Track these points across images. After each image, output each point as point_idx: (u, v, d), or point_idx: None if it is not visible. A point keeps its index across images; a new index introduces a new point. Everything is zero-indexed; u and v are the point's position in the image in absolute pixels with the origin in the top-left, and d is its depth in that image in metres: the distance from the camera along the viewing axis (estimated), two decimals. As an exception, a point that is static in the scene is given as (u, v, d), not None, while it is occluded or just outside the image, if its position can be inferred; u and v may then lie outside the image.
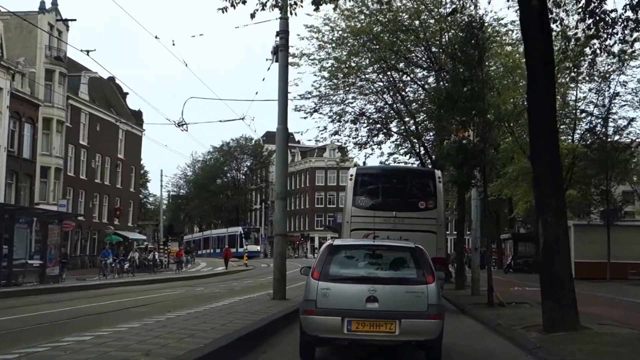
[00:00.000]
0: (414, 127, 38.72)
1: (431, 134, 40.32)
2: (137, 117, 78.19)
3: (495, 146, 23.19)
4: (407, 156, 40.83)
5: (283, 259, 19.78)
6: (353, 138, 39.80)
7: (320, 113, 38.71)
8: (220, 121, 38.46)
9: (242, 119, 31.69)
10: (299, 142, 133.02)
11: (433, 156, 39.78)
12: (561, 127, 48.68)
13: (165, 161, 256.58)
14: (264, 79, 30.16)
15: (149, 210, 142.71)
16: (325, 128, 38.69)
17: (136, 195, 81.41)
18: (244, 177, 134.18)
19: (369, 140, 39.92)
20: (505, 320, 16.70)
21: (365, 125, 39.96)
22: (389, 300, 10.32)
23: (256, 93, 67.04)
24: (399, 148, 40.75)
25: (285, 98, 19.63)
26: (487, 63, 24.42)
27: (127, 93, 79.40)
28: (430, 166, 40.23)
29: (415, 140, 39.34)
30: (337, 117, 38.93)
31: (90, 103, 66.15)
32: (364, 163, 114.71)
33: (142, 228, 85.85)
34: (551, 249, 13.51)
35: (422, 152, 40.33)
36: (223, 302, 18.62)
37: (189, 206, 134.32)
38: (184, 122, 30.38)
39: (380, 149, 40.32)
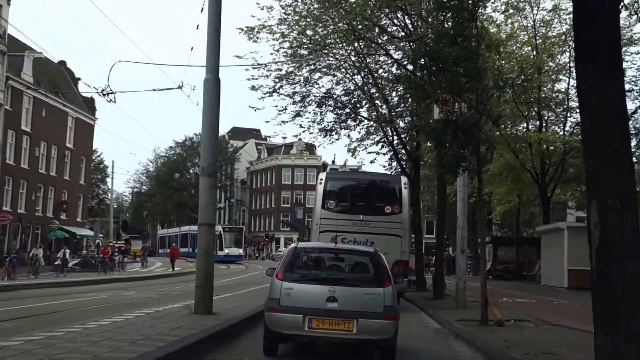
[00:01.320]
0: (386, 111, 33.80)
1: (406, 120, 35.63)
2: (89, 105, 72.49)
3: (494, 119, 18.20)
4: (379, 145, 35.98)
5: (209, 258, 14.44)
6: (317, 123, 34.92)
7: (282, 94, 33.87)
8: (153, 90, 33.38)
9: (180, 87, 26.47)
10: (265, 138, 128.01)
11: (408, 146, 35.11)
12: (550, 116, 44.23)
13: (131, 157, 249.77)
14: (198, 27, 23.28)
15: (107, 206, 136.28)
16: (285, 109, 33.72)
17: (86, 188, 75.14)
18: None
19: (335, 126, 35.09)
20: (522, 353, 11.58)
21: (332, 108, 35.07)
22: (347, 300, 10.81)
23: (191, 49, 58.72)
24: (370, 136, 35.89)
25: (216, 37, 14.33)
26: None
27: (79, 78, 73.56)
28: (405, 157, 35.76)
29: (387, 128, 34.54)
30: (300, 97, 34.07)
31: (35, 86, 60.23)
32: (333, 162, 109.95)
33: (93, 224, 79.51)
34: (613, 250, 8.39)
35: (396, 141, 35.51)
36: (119, 318, 13.26)
37: (150, 203, 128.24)
38: (110, 91, 25.06)
39: (349, 136, 35.60)
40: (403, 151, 36.03)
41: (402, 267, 22.14)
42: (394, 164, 38.40)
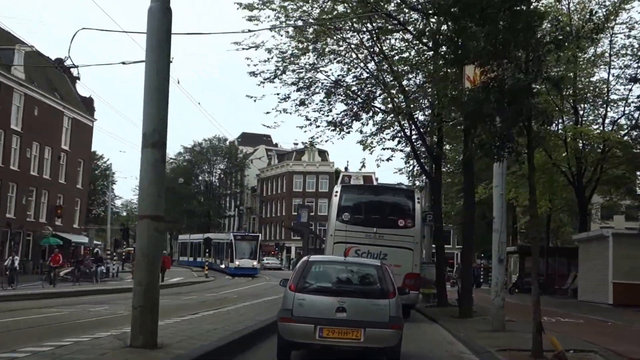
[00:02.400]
0: (404, 102, 29.59)
1: (426, 112, 31.59)
2: (87, 105, 68.50)
3: (554, 81, 13.81)
4: (395, 141, 31.79)
5: (152, 266, 9.79)
6: (325, 114, 30.78)
7: (285, 82, 29.80)
8: (123, 63, 28.91)
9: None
10: (276, 144, 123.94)
11: (427, 141, 31.03)
12: (587, 110, 39.75)
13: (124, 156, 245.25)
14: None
15: (115, 214, 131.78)
16: (287, 97, 29.56)
17: (84, 193, 70.55)
18: (217, 181, 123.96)
19: (346, 119, 30.92)
20: None
21: (342, 98, 30.88)
22: (355, 311, 11.49)
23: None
24: (384, 130, 31.65)
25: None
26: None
27: (77, 77, 69.58)
28: (425, 153, 31.74)
29: (404, 122, 30.49)
30: (305, 85, 30.00)
31: (27, 83, 56.15)
32: (346, 168, 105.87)
33: (96, 231, 74.62)
34: None
35: (415, 136, 31.35)
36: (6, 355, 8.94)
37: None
38: (72, 64, 20.81)
39: (361, 132, 31.41)
40: (423, 148, 32.10)
41: (413, 279, 22.50)
42: (413, 162, 34.49)
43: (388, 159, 31.56)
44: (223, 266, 72.28)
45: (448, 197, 51.18)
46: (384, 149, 31.39)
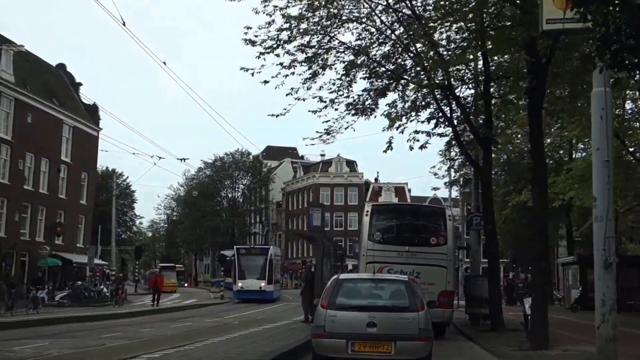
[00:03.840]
0: (441, 75, 23.50)
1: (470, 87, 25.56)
2: (91, 112, 62.72)
3: None
4: (431, 123, 25.79)
5: None
6: (343, 95, 24.94)
7: (295, 58, 23.96)
8: None
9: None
10: (302, 157, 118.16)
11: (471, 118, 25.09)
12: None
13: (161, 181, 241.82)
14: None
15: (141, 234, 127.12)
16: (292, 66, 23.49)
17: (89, 209, 63.82)
18: (241, 197, 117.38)
19: (369, 99, 25.00)
20: None
21: (364, 73, 24.85)
22: (386, 325, 12.02)
23: None
24: (418, 112, 25.58)
25: None
26: None
27: (80, 83, 64.22)
28: (470, 136, 25.91)
29: (442, 99, 24.66)
30: (314, 53, 24.16)
31: (18, 86, 50.39)
32: (376, 179, 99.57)
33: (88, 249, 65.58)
34: None
35: (456, 115, 25.40)
36: None
37: (180, 229, 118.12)
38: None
39: (389, 115, 25.32)
40: (467, 133, 26.19)
41: (447, 297, 22.27)
42: (454, 150, 28.48)
43: (422, 147, 25.29)
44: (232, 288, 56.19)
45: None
46: (417, 132, 25.17)
